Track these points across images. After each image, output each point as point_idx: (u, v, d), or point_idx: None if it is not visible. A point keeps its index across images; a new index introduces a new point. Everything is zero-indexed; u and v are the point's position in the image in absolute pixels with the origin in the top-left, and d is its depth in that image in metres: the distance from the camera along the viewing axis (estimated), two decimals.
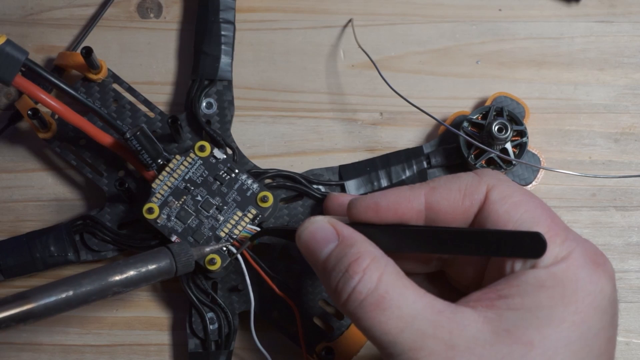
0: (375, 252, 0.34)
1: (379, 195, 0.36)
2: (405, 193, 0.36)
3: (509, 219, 0.34)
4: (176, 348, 0.48)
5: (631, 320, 0.48)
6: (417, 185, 0.36)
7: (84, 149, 0.48)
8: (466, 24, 0.51)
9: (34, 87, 0.43)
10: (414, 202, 0.35)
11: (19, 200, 0.49)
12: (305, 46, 0.51)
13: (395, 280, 0.33)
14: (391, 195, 0.36)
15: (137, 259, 0.40)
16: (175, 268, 0.41)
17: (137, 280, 0.40)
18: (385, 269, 0.34)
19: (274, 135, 0.50)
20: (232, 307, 0.46)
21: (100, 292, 0.39)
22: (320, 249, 0.35)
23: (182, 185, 0.45)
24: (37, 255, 0.46)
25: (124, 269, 0.39)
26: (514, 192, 0.35)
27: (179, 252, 0.41)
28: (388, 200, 0.36)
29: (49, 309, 0.38)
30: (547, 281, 0.32)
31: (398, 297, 0.33)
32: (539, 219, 0.34)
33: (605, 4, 0.51)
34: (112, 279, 0.39)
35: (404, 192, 0.36)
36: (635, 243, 0.49)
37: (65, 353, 0.48)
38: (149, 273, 0.40)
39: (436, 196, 0.35)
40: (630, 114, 0.50)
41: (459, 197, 0.35)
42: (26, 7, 0.51)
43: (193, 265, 0.42)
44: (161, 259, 0.40)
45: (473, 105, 0.50)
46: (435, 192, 0.35)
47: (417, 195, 0.35)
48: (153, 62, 0.51)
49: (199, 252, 0.43)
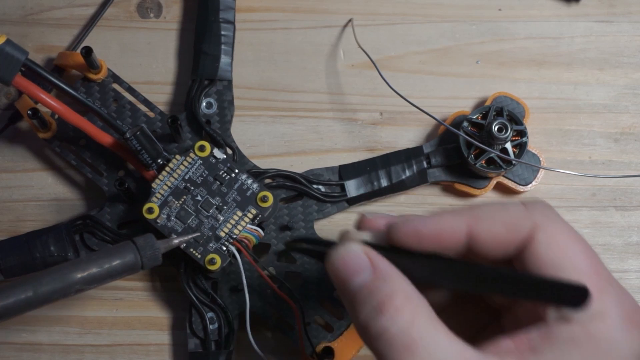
0: (409, 291, 0.33)
1: (420, 222, 0.34)
2: (448, 221, 0.34)
3: (553, 265, 0.33)
4: (176, 348, 0.48)
5: None
6: (460, 212, 0.34)
7: (84, 149, 0.48)
8: (466, 24, 0.51)
9: (34, 87, 0.43)
10: (456, 231, 0.34)
11: (19, 200, 0.49)
12: (305, 46, 0.51)
13: (428, 323, 0.32)
14: (433, 223, 0.34)
15: (100, 254, 0.38)
16: (141, 262, 0.39)
17: (100, 277, 0.38)
18: (418, 309, 0.32)
19: (274, 135, 0.50)
20: (232, 307, 0.46)
21: (62, 290, 0.37)
22: (352, 278, 0.33)
23: (182, 185, 0.45)
24: (37, 255, 0.46)
25: (86, 266, 0.38)
26: (562, 234, 0.33)
27: (144, 245, 0.39)
28: (430, 228, 0.34)
29: (9, 310, 0.36)
30: (581, 339, 0.32)
31: (429, 342, 0.31)
32: (583, 267, 0.33)
33: (605, 4, 0.51)
34: (74, 277, 0.38)
35: (447, 220, 0.34)
36: (635, 243, 0.49)
37: (65, 353, 0.48)
38: (113, 269, 0.38)
39: (479, 227, 0.34)
40: (630, 114, 0.50)
41: (503, 232, 0.33)
42: (26, 7, 0.51)
43: (160, 258, 0.40)
44: (125, 253, 0.39)
45: (473, 105, 0.50)
46: (479, 222, 0.34)
47: (459, 224, 0.34)
48: (153, 62, 0.51)
49: (167, 244, 0.41)
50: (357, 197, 0.48)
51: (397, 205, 0.49)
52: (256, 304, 0.46)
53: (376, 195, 0.48)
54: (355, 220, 0.36)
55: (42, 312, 0.48)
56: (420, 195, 0.49)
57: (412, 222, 0.34)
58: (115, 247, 0.39)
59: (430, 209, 0.49)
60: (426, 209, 0.49)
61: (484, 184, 0.48)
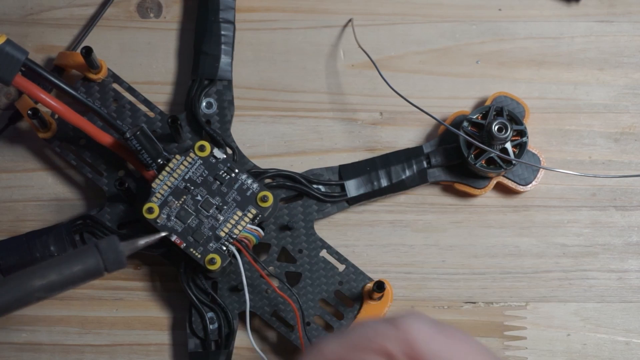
0: None
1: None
2: None
3: None
4: (176, 348, 0.48)
5: (631, 320, 0.48)
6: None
7: (84, 149, 0.48)
8: (466, 24, 0.51)
9: (34, 87, 0.43)
10: None
11: (19, 200, 0.49)
12: (305, 46, 0.51)
13: None
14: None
15: (61, 260, 0.37)
16: (104, 267, 0.37)
17: (61, 285, 0.36)
18: None
19: (274, 135, 0.50)
20: (232, 307, 0.46)
21: (21, 300, 0.36)
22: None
23: (182, 185, 0.45)
24: (37, 254, 0.46)
25: (45, 273, 0.36)
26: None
27: (107, 249, 0.37)
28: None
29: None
30: None
31: None
32: None
33: (605, 4, 0.51)
34: (33, 285, 0.36)
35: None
36: (635, 243, 0.49)
37: (65, 353, 0.48)
38: (74, 276, 0.36)
39: None
40: (630, 114, 0.50)
41: None
42: (26, 7, 0.51)
43: (124, 262, 0.38)
44: (87, 258, 0.37)
45: (473, 105, 0.50)
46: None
47: None
48: (153, 62, 0.51)
49: (131, 246, 0.40)
50: (357, 197, 0.48)
51: (397, 205, 0.49)
52: (256, 304, 0.46)
53: (376, 195, 0.48)
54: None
55: (42, 312, 0.48)
56: (420, 195, 0.49)
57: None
58: (76, 252, 0.37)
59: (430, 209, 0.49)
60: (426, 209, 0.49)
61: (484, 183, 0.48)
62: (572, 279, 0.49)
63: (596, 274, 0.49)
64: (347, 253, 0.48)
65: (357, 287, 0.47)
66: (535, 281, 0.49)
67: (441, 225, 0.49)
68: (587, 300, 0.48)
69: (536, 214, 0.49)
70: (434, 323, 0.33)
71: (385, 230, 0.49)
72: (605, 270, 0.49)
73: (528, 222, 0.49)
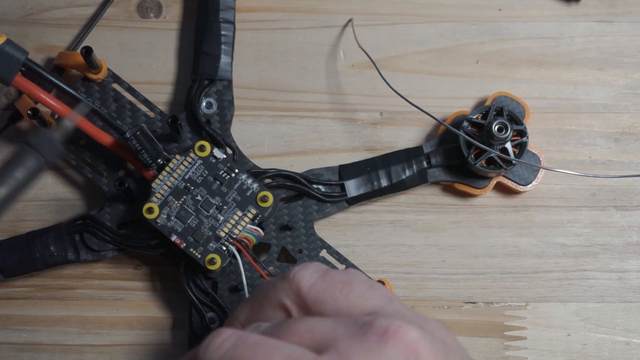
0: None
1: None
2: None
3: None
4: (176, 348, 0.48)
5: (631, 320, 0.48)
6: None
7: (84, 149, 0.48)
8: (466, 24, 0.51)
9: (34, 87, 0.43)
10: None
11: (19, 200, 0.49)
12: (305, 46, 0.51)
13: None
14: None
15: (1, 171, 0.36)
16: (44, 159, 0.36)
17: (10, 195, 0.35)
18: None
19: (274, 135, 0.50)
20: (232, 307, 0.46)
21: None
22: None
23: (182, 185, 0.45)
24: (37, 255, 0.46)
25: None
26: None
27: (38, 141, 0.36)
28: None
29: None
30: None
31: None
32: None
33: (605, 4, 0.51)
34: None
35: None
36: (635, 243, 0.49)
37: (65, 353, 0.48)
38: (19, 181, 0.35)
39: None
40: (630, 114, 0.50)
41: None
42: (26, 7, 0.51)
43: (60, 146, 0.37)
44: (24, 158, 0.36)
45: (473, 105, 0.50)
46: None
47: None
48: (153, 62, 0.51)
49: (62, 130, 0.38)
50: (357, 197, 0.48)
51: (397, 205, 0.49)
52: None
53: (376, 195, 0.48)
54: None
55: (42, 312, 0.48)
56: (420, 195, 0.49)
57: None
58: (11, 158, 0.36)
59: (430, 209, 0.49)
60: (426, 209, 0.49)
61: (484, 183, 0.48)
62: (572, 279, 0.49)
63: (596, 274, 0.49)
64: (347, 253, 0.48)
65: None
66: (535, 281, 0.49)
67: (441, 225, 0.49)
68: (587, 300, 0.49)
69: (536, 214, 0.49)
70: (319, 270, 0.34)
71: (385, 230, 0.49)
72: (605, 270, 0.49)
73: (528, 222, 0.49)
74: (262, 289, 0.35)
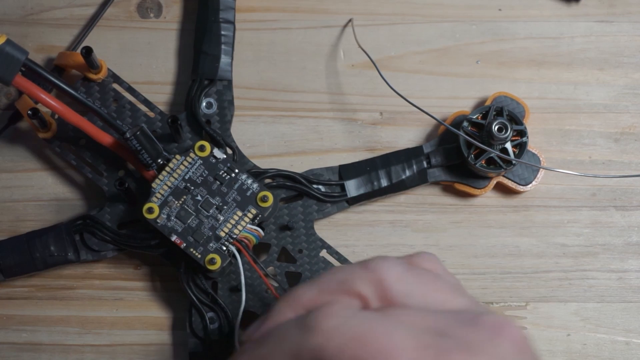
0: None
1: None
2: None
3: None
4: (176, 348, 0.48)
5: (631, 320, 0.48)
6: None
7: (84, 149, 0.48)
8: (466, 24, 0.51)
9: (34, 87, 0.43)
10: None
11: (19, 200, 0.49)
12: (305, 46, 0.51)
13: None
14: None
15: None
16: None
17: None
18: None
19: (274, 135, 0.50)
20: (232, 307, 0.46)
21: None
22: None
23: (182, 185, 0.45)
24: (37, 254, 0.46)
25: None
26: (347, 344, 0.29)
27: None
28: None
29: None
30: None
31: None
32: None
33: (605, 4, 0.51)
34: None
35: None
36: (635, 243, 0.49)
37: (65, 353, 0.48)
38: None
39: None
40: (630, 114, 0.50)
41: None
42: (26, 7, 0.51)
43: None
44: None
45: (473, 105, 0.50)
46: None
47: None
48: (153, 62, 0.51)
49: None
50: (357, 197, 0.48)
51: (397, 205, 0.49)
52: (256, 304, 0.46)
53: (376, 195, 0.48)
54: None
55: (42, 312, 0.48)
56: (420, 195, 0.49)
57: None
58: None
59: (430, 209, 0.49)
60: (426, 209, 0.49)
61: (484, 183, 0.48)
62: (572, 279, 0.49)
63: (596, 274, 0.49)
64: (347, 253, 0.48)
65: None
66: (535, 281, 0.49)
67: (441, 225, 0.49)
68: (587, 300, 0.49)
69: (536, 214, 0.49)
70: (403, 264, 0.33)
71: (385, 230, 0.49)
72: (605, 270, 0.49)
73: (528, 222, 0.49)
74: (333, 274, 0.34)
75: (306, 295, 0.34)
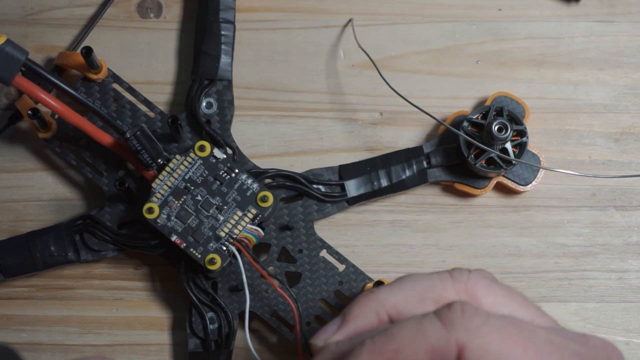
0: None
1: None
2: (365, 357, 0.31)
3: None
4: (176, 348, 0.48)
5: (631, 320, 0.48)
6: (378, 344, 0.31)
7: (84, 149, 0.48)
8: (466, 24, 0.51)
9: (34, 87, 0.43)
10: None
11: (19, 200, 0.49)
12: (305, 46, 0.51)
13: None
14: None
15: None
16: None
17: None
18: None
19: (274, 135, 0.50)
20: (232, 307, 0.46)
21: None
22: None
23: (182, 185, 0.45)
24: (37, 255, 0.46)
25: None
26: (493, 342, 0.29)
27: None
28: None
29: None
30: None
31: None
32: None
33: (605, 4, 0.51)
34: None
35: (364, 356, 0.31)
36: (635, 243, 0.49)
37: (65, 353, 0.48)
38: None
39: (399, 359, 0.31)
40: (630, 114, 0.50)
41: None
42: (26, 7, 0.51)
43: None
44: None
45: (473, 105, 0.50)
46: (398, 355, 0.31)
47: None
48: (153, 62, 0.51)
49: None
50: (357, 197, 0.48)
51: (397, 205, 0.49)
52: (256, 304, 0.46)
53: (376, 195, 0.48)
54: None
55: (42, 312, 0.48)
56: (420, 195, 0.49)
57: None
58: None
59: (430, 209, 0.49)
60: (426, 209, 0.49)
61: (484, 183, 0.48)
62: (572, 279, 0.49)
63: (596, 274, 0.49)
64: (347, 253, 0.48)
65: (357, 287, 0.47)
66: (535, 281, 0.49)
67: (441, 225, 0.49)
68: (587, 300, 0.49)
69: (536, 214, 0.49)
70: (489, 276, 0.34)
71: (385, 230, 0.49)
72: (605, 270, 0.49)
73: (528, 222, 0.49)
74: (413, 282, 0.33)
75: (390, 299, 0.33)
